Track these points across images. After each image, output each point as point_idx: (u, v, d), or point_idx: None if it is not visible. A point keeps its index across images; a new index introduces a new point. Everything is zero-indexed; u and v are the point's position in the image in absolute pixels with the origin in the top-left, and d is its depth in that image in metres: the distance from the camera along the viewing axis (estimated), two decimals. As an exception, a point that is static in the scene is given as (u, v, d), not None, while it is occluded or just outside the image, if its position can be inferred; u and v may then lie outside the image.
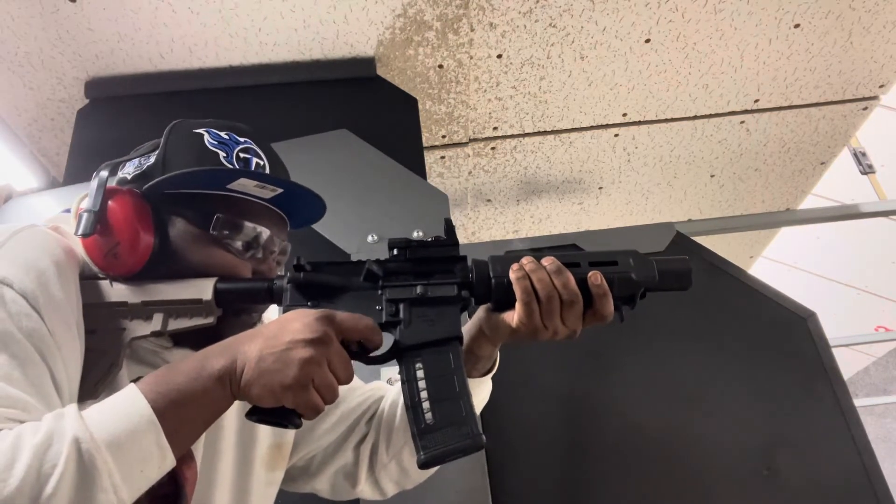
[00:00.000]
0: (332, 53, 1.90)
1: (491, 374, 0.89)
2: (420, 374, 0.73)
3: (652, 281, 0.77)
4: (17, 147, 2.02)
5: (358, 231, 1.52)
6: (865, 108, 2.39)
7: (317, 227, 1.51)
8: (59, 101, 1.92)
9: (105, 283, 0.75)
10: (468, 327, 0.83)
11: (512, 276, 0.75)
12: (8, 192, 1.68)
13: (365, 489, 0.95)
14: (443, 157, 2.42)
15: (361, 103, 1.87)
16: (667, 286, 0.78)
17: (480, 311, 0.82)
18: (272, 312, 0.92)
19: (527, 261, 0.76)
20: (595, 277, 0.75)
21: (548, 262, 0.75)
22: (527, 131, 2.36)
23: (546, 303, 0.74)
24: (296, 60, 1.90)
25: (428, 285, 0.76)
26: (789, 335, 1.54)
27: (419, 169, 1.72)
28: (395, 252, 0.78)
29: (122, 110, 1.84)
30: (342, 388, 0.96)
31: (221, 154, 0.80)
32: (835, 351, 1.54)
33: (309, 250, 0.79)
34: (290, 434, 0.92)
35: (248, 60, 1.88)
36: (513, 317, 0.76)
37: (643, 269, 0.77)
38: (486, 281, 0.77)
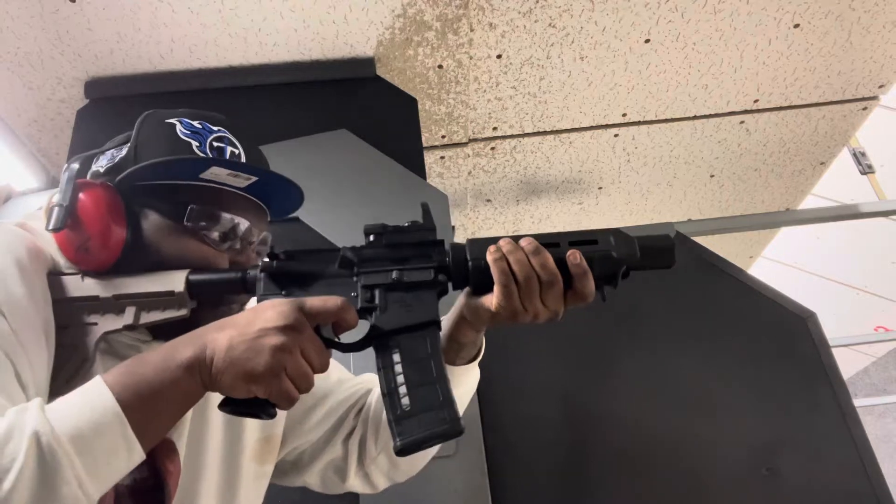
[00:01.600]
0: (332, 53, 1.90)
1: (476, 361, 0.87)
2: (396, 358, 0.72)
3: (633, 258, 0.75)
4: (17, 147, 2.01)
5: (358, 231, 1.52)
6: (865, 108, 2.39)
7: (317, 227, 1.51)
8: (59, 101, 1.92)
9: (77, 278, 0.74)
10: (449, 314, 0.82)
11: (489, 258, 0.73)
12: (8, 192, 1.68)
13: (355, 483, 0.94)
14: (442, 157, 2.42)
15: (361, 103, 1.87)
16: (649, 264, 0.76)
17: (461, 297, 0.81)
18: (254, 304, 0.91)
19: (504, 242, 0.74)
20: (574, 256, 0.73)
21: (525, 242, 0.74)
22: (526, 131, 2.36)
23: (525, 284, 0.72)
24: (296, 60, 1.90)
25: (404, 270, 0.75)
26: (789, 335, 1.54)
27: (419, 169, 1.72)
28: (372, 238, 0.77)
29: (122, 110, 1.84)
30: (330, 382, 0.95)
31: (194, 143, 0.79)
32: (835, 351, 1.54)
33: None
34: (279, 427, 0.92)
35: (248, 60, 1.88)
36: (492, 300, 0.74)
37: (624, 247, 0.75)
38: (463, 264, 0.75)
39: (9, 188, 1.73)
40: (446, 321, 0.82)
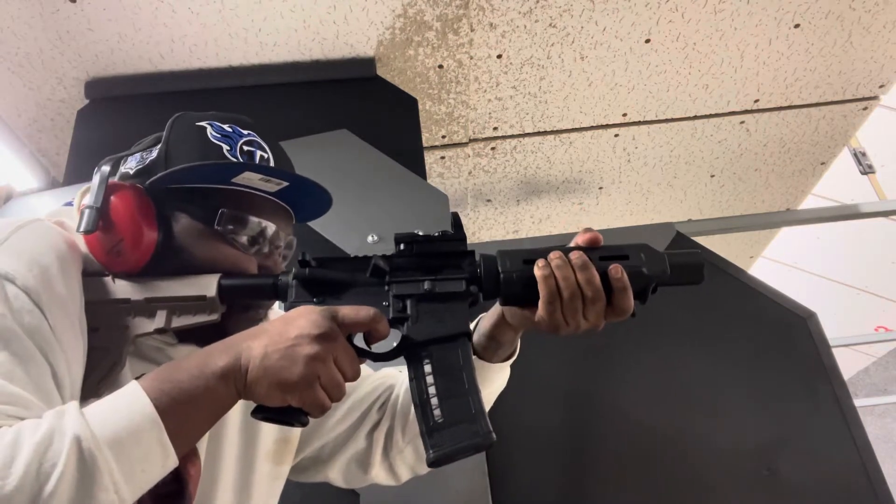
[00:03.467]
0: (332, 53, 1.90)
1: (511, 361, 0.88)
2: (428, 370, 0.72)
3: (663, 275, 0.75)
4: (17, 147, 2.01)
5: (358, 231, 1.52)
6: (865, 108, 2.39)
7: (317, 227, 1.51)
8: (59, 101, 1.92)
9: (108, 280, 0.74)
10: (490, 313, 0.83)
11: (537, 273, 0.73)
12: (8, 192, 1.68)
13: (379, 474, 0.94)
14: (443, 158, 2.42)
15: (361, 103, 1.87)
16: (678, 281, 0.76)
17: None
18: (278, 309, 0.91)
19: (554, 256, 0.73)
20: (616, 270, 0.72)
21: (575, 257, 0.73)
22: (527, 131, 2.36)
23: (569, 300, 0.72)
24: (296, 60, 1.90)
25: (436, 281, 0.75)
26: (789, 335, 1.53)
27: (419, 169, 1.72)
28: (402, 247, 0.77)
29: (122, 110, 1.84)
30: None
31: (225, 147, 0.78)
32: (835, 351, 1.54)
33: (310, 251, 0.78)
34: (297, 428, 0.92)
35: (248, 60, 1.88)
36: (534, 310, 0.74)
37: (654, 263, 0.75)
38: (494, 276, 0.75)
39: (9, 188, 1.73)
40: (487, 319, 0.83)
